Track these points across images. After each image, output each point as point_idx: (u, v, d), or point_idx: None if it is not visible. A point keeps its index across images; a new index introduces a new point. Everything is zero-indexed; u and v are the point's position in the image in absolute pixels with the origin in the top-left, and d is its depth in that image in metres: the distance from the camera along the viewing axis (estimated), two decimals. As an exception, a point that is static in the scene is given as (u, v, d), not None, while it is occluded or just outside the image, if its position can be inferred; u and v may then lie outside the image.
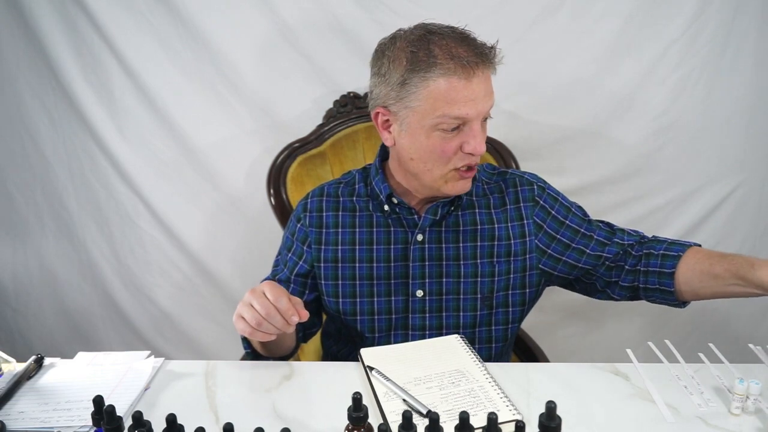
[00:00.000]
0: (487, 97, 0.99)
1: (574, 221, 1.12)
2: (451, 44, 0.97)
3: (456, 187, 1.05)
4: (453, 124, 0.98)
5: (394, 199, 1.10)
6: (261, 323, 0.90)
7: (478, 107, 0.97)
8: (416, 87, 0.97)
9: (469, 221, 1.11)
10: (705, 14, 1.50)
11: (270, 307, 0.89)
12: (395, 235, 1.10)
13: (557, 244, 1.11)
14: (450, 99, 0.96)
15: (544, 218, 1.11)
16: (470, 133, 0.99)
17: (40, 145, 1.68)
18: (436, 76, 0.95)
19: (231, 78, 1.56)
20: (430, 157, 1.01)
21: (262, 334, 0.92)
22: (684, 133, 1.61)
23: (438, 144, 0.99)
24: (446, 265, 1.09)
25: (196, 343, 1.82)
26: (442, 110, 0.96)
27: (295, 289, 1.13)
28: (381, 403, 0.85)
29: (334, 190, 1.15)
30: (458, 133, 0.99)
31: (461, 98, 0.96)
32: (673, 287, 1.04)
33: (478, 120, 0.99)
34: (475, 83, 0.96)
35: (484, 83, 0.98)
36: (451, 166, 1.02)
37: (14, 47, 1.58)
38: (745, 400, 0.83)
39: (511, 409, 0.83)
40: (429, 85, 0.96)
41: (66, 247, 1.78)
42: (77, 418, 0.84)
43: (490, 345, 1.13)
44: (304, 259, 1.12)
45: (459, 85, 0.95)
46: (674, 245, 1.07)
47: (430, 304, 1.10)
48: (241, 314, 0.91)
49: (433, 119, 0.98)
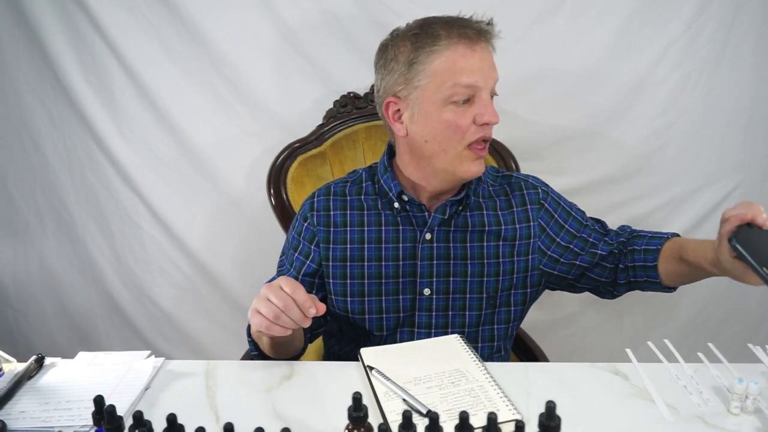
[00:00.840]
0: (492, 69, 1.03)
1: (573, 225, 1.15)
2: (450, 22, 1.01)
3: (471, 168, 1.05)
4: (464, 95, 1.01)
5: (404, 197, 1.10)
6: (279, 316, 0.89)
7: (485, 75, 1.01)
8: (423, 64, 1.00)
9: (477, 222, 1.12)
10: (705, 14, 1.50)
11: (287, 299, 0.89)
12: (404, 234, 1.11)
13: (557, 246, 1.13)
14: (458, 68, 1.00)
15: (547, 221, 1.14)
16: (481, 103, 1.02)
17: (40, 145, 1.68)
18: (442, 48, 1.00)
19: (231, 78, 1.56)
20: (444, 135, 1.03)
21: (279, 328, 0.90)
22: (684, 133, 1.61)
23: (452, 119, 1.02)
24: (454, 264, 1.10)
25: (196, 343, 1.82)
26: (453, 80, 1.00)
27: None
28: (381, 402, 0.85)
29: (341, 188, 1.15)
30: (470, 105, 1.02)
31: (469, 66, 1.00)
32: (658, 278, 1.09)
33: (487, 90, 1.02)
34: (479, 53, 1.01)
35: (487, 55, 1.02)
36: (466, 141, 1.03)
37: (14, 47, 1.58)
38: (744, 399, 0.83)
39: (511, 408, 0.83)
40: (436, 59, 1.00)
41: (66, 247, 1.78)
42: (78, 418, 0.84)
43: (492, 343, 1.14)
44: (312, 259, 1.12)
45: (466, 54, 0.99)
46: (654, 239, 1.11)
47: (437, 302, 1.10)
48: (258, 309, 0.90)
49: (444, 91, 1.00)
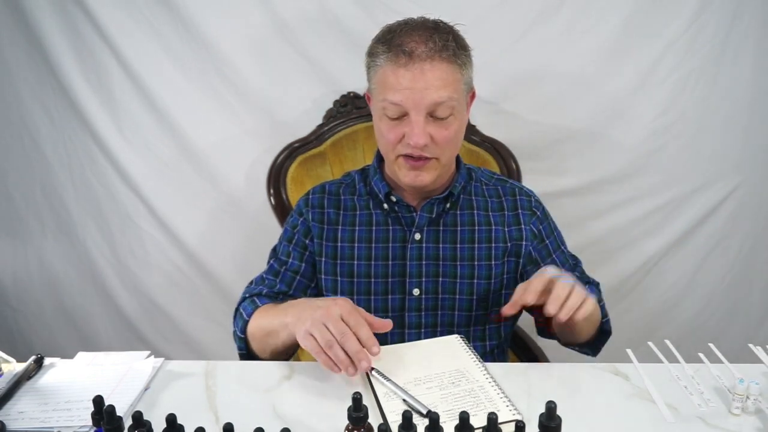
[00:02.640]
0: (430, 90, 0.97)
1: (552, 244, 1.16)
2: (407, 32, 0.99)
3: (407, 176, 1.05)
4: (394, 112, 1.00)
5: (392, 197, 1.11)
6: (332, 346, 0.83)
7: (414, 97, 0.97)
8: (371, 71, 1.03)
9: (467, 221, 1.12)
10: (705, 14, 1.50)
11: (347, 331, 0.84)
12: (393, 234, 1.11)
13: (538, 254, 1.14)
14: (387, 84, 0.99)
15: (539, 228, 1.14)
16: (409, 124, 1.00)
17: (40, 145, 1.68)
18: (381, 61, 1.00)
19: (231, 78, 1.56)
20: (381, 140, 1.06)
21: (326, 358, 0.84)
22: (684, 133, 1.61)
23: (384, 129, 1.03)
24: (443, 265, 1.10)
25: (196, 343, 1.82)
26: (383, 95, 1.00)
27: (301, 282, 1.14)
28: (381, 403, 0.85)
29: (335, 188, 1.17)
30: (401, 122, 1.01)
31: (396, 85, 0.98)
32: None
33: (417, 110, 0.99)
34: (415, 72, 0.97)
35: (426, 75, 0.97)
36: (396, 152, 1.04)
37: (14, 47, 1.58)
38: (745, 400, 0.83)
39: (511, 409, 0.83)
40: (377, 70, 1.01)
41: (66, 247, 1.78)
42: (77, 418, 0.84)
43: (484, 343, 1.14)
44: (310, 251, 1.14)
45: (397, 72, 0.98)
46: None
47: (426, 302, 1.10)
48: (311, 332, 0.85)
49: (378, 103, 1.02)
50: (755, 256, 1.75)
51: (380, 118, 1.03)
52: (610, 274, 1.73)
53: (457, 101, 1.01)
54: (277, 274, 1.15)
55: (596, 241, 1.71)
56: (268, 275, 1.16)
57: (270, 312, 1.01)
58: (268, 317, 1.00)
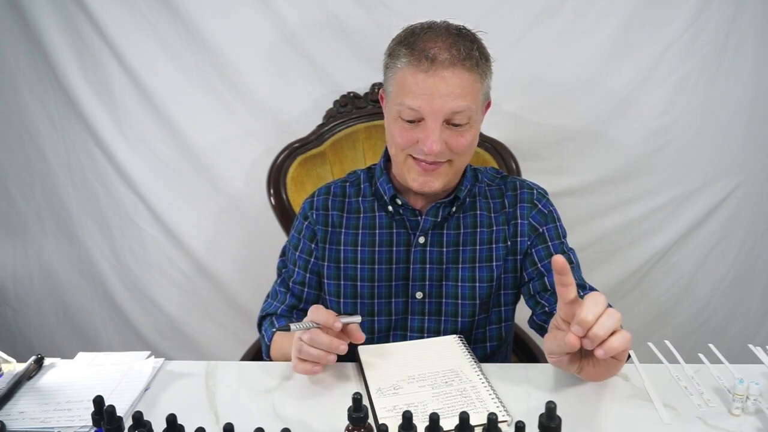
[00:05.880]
0: (449, 97, 0.96)
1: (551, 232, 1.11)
2: (431, 37, 0.98)
3: (416, 181, 1.04)
4: (410, 116, 0.99)
5: (398, 200, 1.10)
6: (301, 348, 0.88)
7: (433, 104, 0.96)
8: (390, 72, 1.02)
9: (470, 223, 1.11)
10: (705, 14, 1.50)
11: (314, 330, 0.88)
12: (398, 237, 1.11)
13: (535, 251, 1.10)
14: (406, 88, 0.98)
15: (540, 222, 1.11)
16: (425, 130, 0.99)
17: (40, 145, 1.68)
18: (402, 64, 0.99)
19: (231, 78, 1.56)
20: (392, 142, 1.05)
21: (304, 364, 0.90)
22: (684, 134, 1.61)
23: (397, 131, 1.02)
24: (446, 268, 1.10)
25: (196, 343, 1.83)
26: (401, 98, 0.99)
27: (310, 293, 1.15)
28: (373, 399, 0.85)
29: (340, 189, 1.16)
30: (416, 126, 1.00)
31: (416, 90, 0.97)
32: None
33: (434, 117, 0.98)
34: (436, 79, 0.96)
35: (446, 82, 0.96)
36: (407, 152, 1.03)
37: (14, 47, 1.58)
38: (745, 400, 0.83)
39: (501, 410, 0.82)
40: (396, 72, 1.00)
41: (66, 247, 1.78)
42: (77, 419, 0.84)
43: (485, 344, 1.13)
44: (315, 256, 1.13)
45: (418, 77, 0.96)
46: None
47: (429, 306, 1.10)
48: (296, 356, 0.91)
49: (395, 105, 1.01)
50: (755, 256, 1.75)
51: (394, 120, 1.02)
52: (610, 275, 1.73)
53: (475, 111, 1.00)
54: (287, 287, 1.16)
55: (596, 241, 1.71)
56: (280, 288, 1.18)
57: (285, 338, 1.05)
58: (282, 342, 1.06)
